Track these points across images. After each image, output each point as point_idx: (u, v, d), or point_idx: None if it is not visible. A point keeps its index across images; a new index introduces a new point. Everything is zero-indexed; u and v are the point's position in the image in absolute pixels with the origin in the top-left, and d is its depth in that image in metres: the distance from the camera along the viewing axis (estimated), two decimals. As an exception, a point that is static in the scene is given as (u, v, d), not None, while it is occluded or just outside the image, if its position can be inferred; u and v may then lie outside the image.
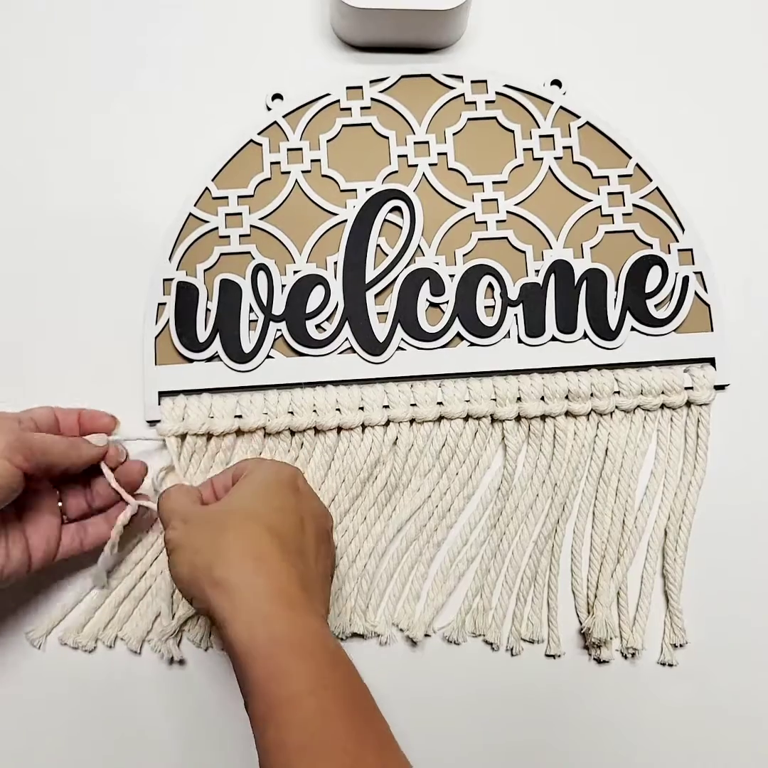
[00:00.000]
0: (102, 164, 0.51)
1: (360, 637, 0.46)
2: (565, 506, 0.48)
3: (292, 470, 0.41)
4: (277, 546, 0.36)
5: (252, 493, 0.38)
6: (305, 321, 0.48)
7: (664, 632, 0.47)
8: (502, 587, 0.47)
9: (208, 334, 0.48)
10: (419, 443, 0.48)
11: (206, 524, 0.37)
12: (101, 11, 0.53)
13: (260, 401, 0.47)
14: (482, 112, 0.51)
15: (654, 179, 0.50)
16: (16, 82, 0.52)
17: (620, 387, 0.48)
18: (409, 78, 0.51)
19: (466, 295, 0.49)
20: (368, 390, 0.47)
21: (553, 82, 0.52)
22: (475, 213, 0.50)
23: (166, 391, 0.47)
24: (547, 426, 0.48)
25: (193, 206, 0.49)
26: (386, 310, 0.48)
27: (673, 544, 0.47)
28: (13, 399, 0.47)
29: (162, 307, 0.48)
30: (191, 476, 0.47)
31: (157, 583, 0.46)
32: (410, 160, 0.50)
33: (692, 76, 0.53)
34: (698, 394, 0.48)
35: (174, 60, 0.52)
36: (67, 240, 0.50)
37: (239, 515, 0.37)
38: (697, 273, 0.50)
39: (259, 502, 0.38)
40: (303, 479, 0.41)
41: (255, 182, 0.49)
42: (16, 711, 0.46)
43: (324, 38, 0.53)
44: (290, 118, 0.50)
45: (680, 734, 0.46)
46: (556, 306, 0.49)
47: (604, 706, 0.46)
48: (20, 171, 0.51)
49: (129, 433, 0.48)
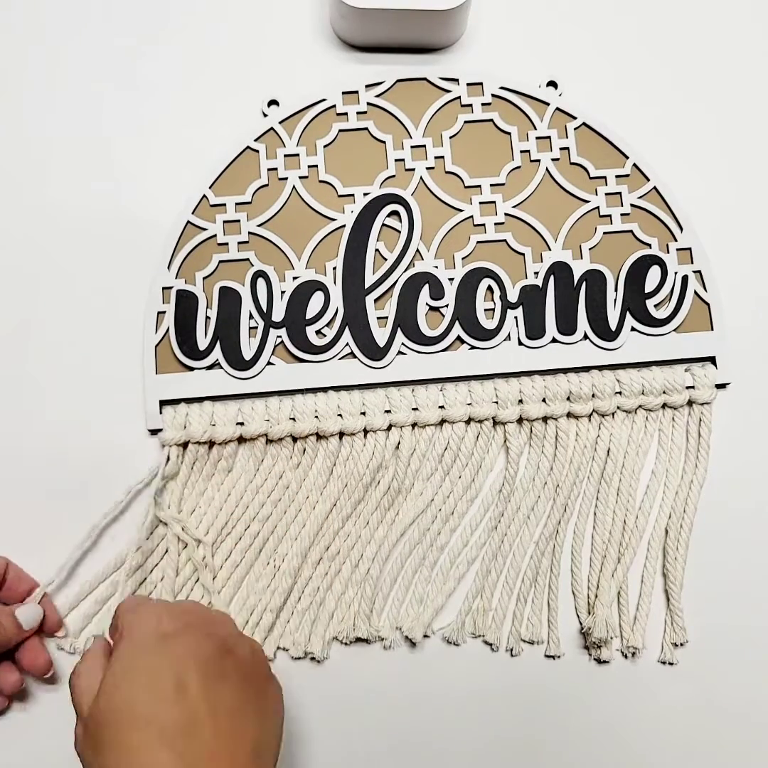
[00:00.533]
0: (97, 173, 0.51)
1: (364, 641, 0.47)
2: (566, 507, 0.48)
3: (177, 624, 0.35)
4: (176, 757, 0.31)
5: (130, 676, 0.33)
6: (305, 327, 0.48)
7: (665, 631, 0.47)
8: (503, 588, 0.47)
9: (208, 341, 0.48)
10: (421, 447, 0.48)
11: (89, 737, 0.33)
12: (100, 13, 0.53)
13: (262, 408, 0.47)
14: (479, 115, 0.51)
15: (651, 179, 0.50)
16: (15, 82, 0.52)
17: (621, 387, 0.48)
18: (405, 82, 0.51)
19: (466, 298, 0.49)
20: (370, 395, 0.47)
21: (549, 84, 0.52)
22: (473, 216, 0.50)
23: (167, 400, 0.47)
24: (548, 428, 0.48)
25: (191, 214, 0.49)
26: (386, 314, 0.48)
27: (674, 543, 0.47)
28: (11, 411, 0.48)
29: (162, 315, 0.48)
30: (190, 487, 0.47)
31: (157, 590, 0.46)
32: (407, 164, 0.50)
33: (688, 74, 0.53)
34: (699, 393, 0.48)
35: (171, 64, 0.52)
36: (64, 250, 0.50)
37: (121, 722, 0.32)
38: (696, 272, 0.50)
39: (139, 691, 0.32)
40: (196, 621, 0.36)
41: (252, 189, 0.49)
42: (12, 717, 0.45)
43: (323, 38, 0.53)
44: (286, 124, 0.50)
45: (680, 733, 0.46)
46: (555, 307, 0.49)
47: (604, 706, 0.47)
48: (19, 172, 0.51)
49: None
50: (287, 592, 0.46)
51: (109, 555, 0.46)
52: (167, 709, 0.32)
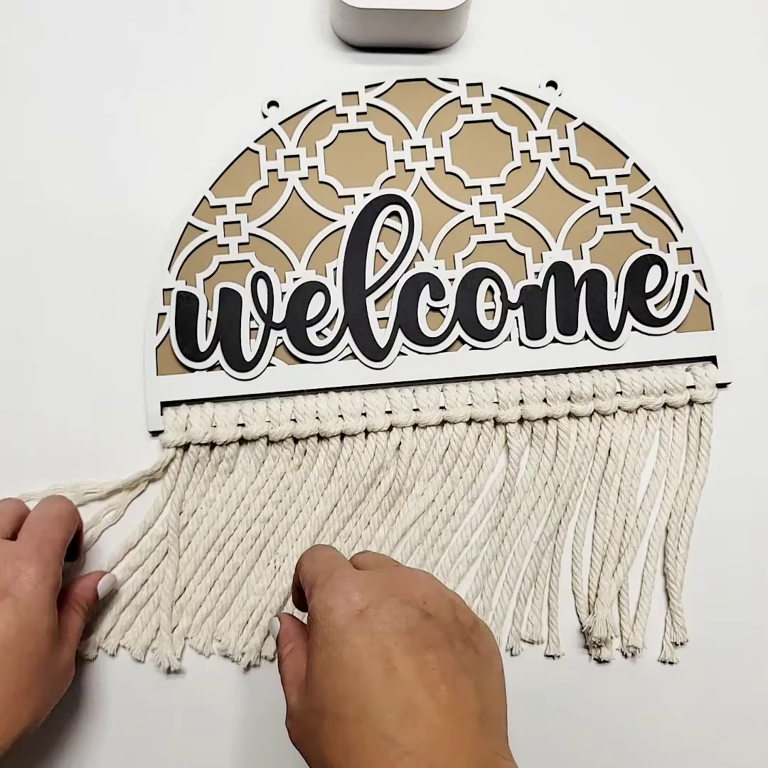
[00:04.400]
0: (97, 175, 0.51)
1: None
2: (567, 507, 0.48)
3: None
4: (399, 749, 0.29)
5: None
6: (306, 328, 0.48)
7: (665, 631, 0.47)
8: (503, 588, 0.47)
9: (209, 343, 0.48)
10: (422, 448, 0.48)
11: (303, 728, 0.32)
12: (100, 13, 0.52)
13: (263, 409, 0.47)
14: (478, 115, 0.51)
15: (651, 178, 0.50)
16: (15, 82, 0.52)
17: (622, 387, 0.48)
18: (404, 82, 0.51)
19: (466, 298, 0.49)
20: (370, 396, 0.47)
21: (549, 84, 0.51)
22: (473, 216, 0.50)
23: (168, 402, 0.47)
24: (549, 428, 0.48)
25: (191, 215, 0.49)
26: (387, 315, 0.48)
27: (674, 542, 0.48)
28: (12, 412, 0.48)
29: (162, 317, 0.48)
30: (191, 488, 0.47)
31: (158, 591, 0.46)
32: (407, 164, 0.50)
33: (688, 74, 0.53)
34: (700, 392, 0.48)
35: (171, 65, 0.52)
36: (64, 251, 0.50)
37: (336, 716, 0.31)
38: (697, 272, 0.50)
39: (348, 683, 0.31)
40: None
41: (253, 190, 0.49)
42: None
43: (323, 38, 0.53)
44: (286, 125, 0.50)
45: (680, 733, 0.46)
46: (556, 308, 0.49)
47: (604, 706, 0.47)
48: (19, 174, 0.51)
49: None
50: (288, 592, 0.46)
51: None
52: (381, 696, 0.30)
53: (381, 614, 0.32)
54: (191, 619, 0.46)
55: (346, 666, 0.31)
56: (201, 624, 0.46)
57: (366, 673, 0.30)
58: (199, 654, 0.46)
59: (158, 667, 0.46)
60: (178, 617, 0.46)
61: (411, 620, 0.32)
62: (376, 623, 0.32)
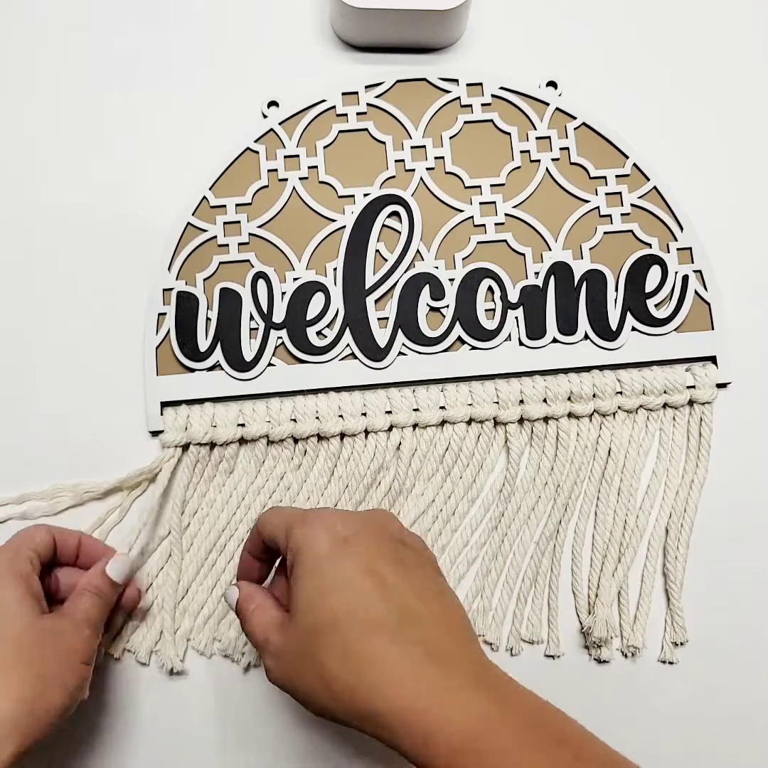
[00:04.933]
0: (97, 174, 0.51)
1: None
2: (567, 507, 0.48)
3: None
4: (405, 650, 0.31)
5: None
6: (306, 328, 0.48)
7: (665, 630, 0.47)
8: (503, 588, 0.47)
9: (209, 343, 0.48)
10: (422, 448, 0.48)
11: (289, 662, 0.34)
12: (100, 13, 0.52)
13: (263, 409, 0.47)
14: (478, 115, 0.51)
15: (651, 178, 0.50)
16: (15, 83, 0.52)
17: (622, 387, 0.48)
18: (404, 82, 0.51)
19: (466, 298, 0.49)
20: (370, 396, 0.47)
21: (549, 84, 0.51)
22: (473, 216, 0.50)
23: (168, 402, 0.47)
24: (549, 428, 0.48)
25: (191, 215, 0.49)
26: (387, 315, 0.48)
27: (674, 542, 0.48)
28: (12, 412, 0.48)
29: (162, 317, 0.48)
30: (191, 488, 0.47)
31: (162, 593, 0.46)
32: (407, 164, 0.50)
33: (688, 74, 0.53)
34: (700, 392, 0.48)
35: (171, 65, 0.52)
36: (64, 251, 0.50)
37: (336, 632, 0.32)
38: (697, 272, 0.50)
39: (341, 599, 0.33)
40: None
41: (253, 190, 0.49)
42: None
43: (323, 38, 0.53)
44: (286, 125, 0.50)
45: (680, 733, 0.46)
46: (556, 308, 0.49)
47: (604, 706, 0.47)
48: (19, 173, 0.51)
49: None
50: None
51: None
52: (377, 606, 0.32)
53: (364, 539, 0.34)
54: (193, 621, 0.46)
55: (337, 586, 0.33)
56: (203, 625, 0.46)
57: (361, 587, 0.32)
58: (200, 654, 0.46)
59: (161, 669, 0.46)
60: (181, 619, 0.46)
61: (391, 545, 0.35)
62: (361, 546, 0.34)
